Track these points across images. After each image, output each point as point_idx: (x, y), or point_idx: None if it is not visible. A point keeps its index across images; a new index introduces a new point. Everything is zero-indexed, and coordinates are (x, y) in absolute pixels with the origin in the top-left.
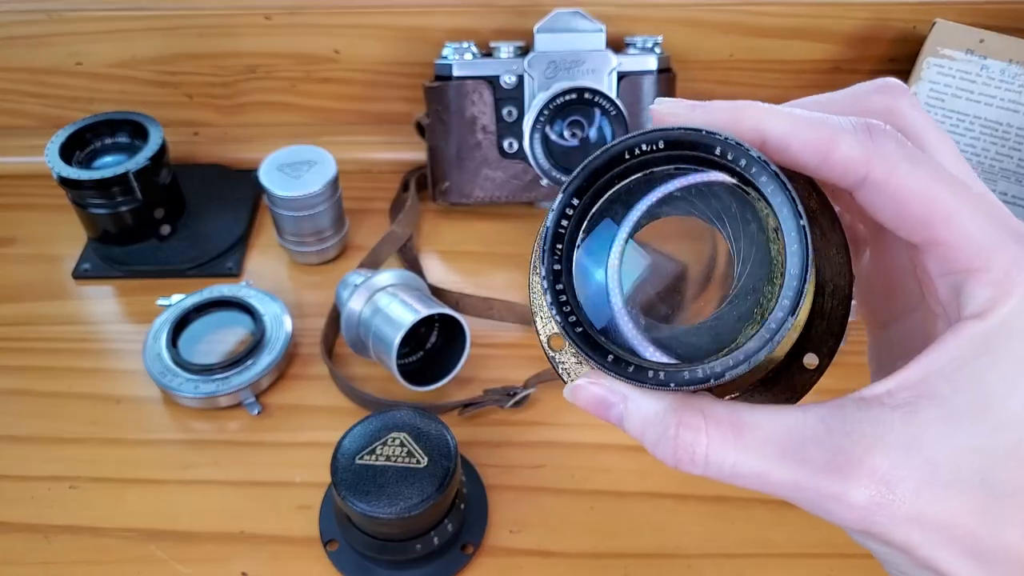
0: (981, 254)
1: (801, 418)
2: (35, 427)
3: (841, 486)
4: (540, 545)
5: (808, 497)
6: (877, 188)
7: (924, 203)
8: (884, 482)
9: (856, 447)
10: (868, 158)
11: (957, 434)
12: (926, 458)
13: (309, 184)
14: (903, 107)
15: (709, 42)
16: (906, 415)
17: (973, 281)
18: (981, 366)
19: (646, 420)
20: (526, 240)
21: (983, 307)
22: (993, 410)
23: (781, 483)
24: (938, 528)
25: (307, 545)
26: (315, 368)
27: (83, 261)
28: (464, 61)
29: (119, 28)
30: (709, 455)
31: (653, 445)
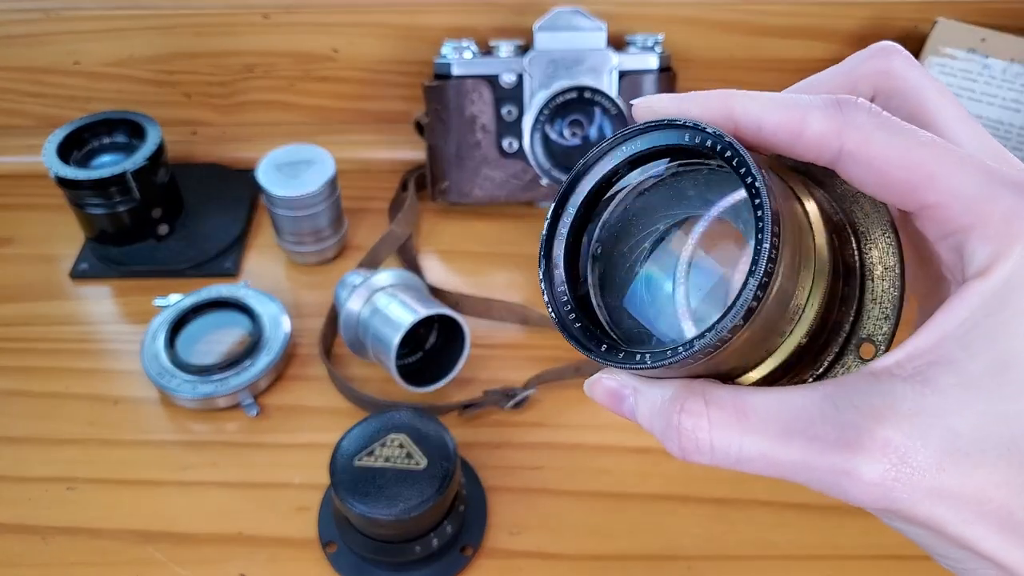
0: (973, 209)
1: (808, 396)
2: (32, 428)
3: (852, 461)
4: (540, 547)
5: (819, 477)
6: (854, 160)
7: (904, 169)
8: (899, 454)
9: (866, 420)
10: (839, 131)
11: (977, 401)
12: (945, 427)
13: (307, 184)
14: (897, 68)
15: (710, 41)
16: (919, 384)
17: (971, 239)
18: (993, 326)
19: (653, 410)
20: (526, 240)
21: (985, 264)
22: (1013, 371)
23: (790, 463)
24: (966, 502)
25: (306, 547)
26: (314, 369)
27: (81, 261)
28: (463, 60)
29: (117, 27)
30: (713, 440)
31: (661, 436)
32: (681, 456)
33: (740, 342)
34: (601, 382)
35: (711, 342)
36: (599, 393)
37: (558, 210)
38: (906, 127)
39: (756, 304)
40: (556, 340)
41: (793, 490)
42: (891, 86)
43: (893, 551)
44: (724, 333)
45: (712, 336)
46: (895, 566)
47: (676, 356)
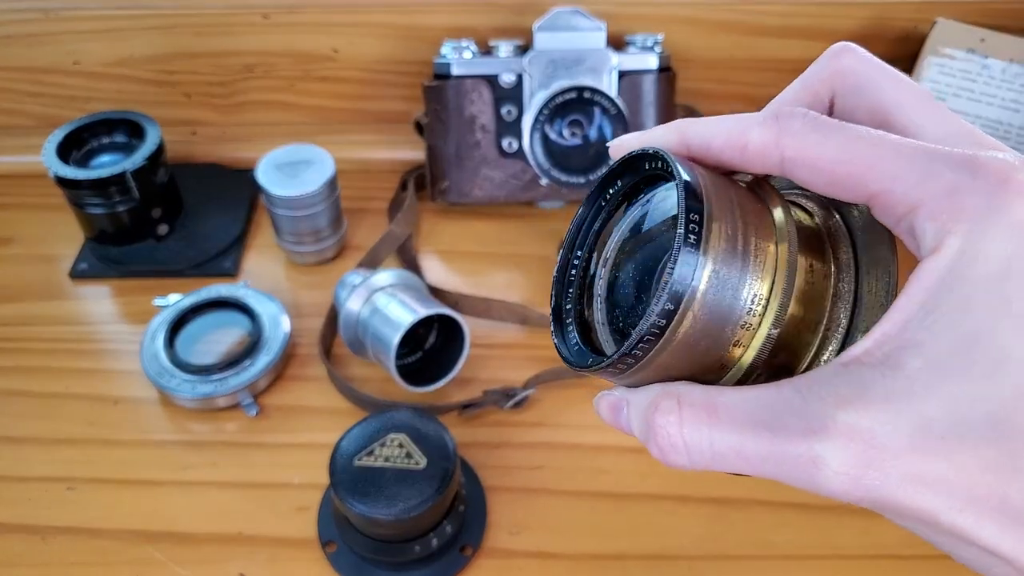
0: (914, 191)
1: (777, 389)
2: (32, 428)
3: (816, 448)
4: (539, 547)
5: (788, 469)
6: (797, 164)
7: (843, 163)
8: (866, 440)
9: (831, 408)
10: (777, 139)
11: (949, 382)
12: (916, 412)
13: (307, 184)
14: (849, 66)
15: (710, 41)
16: (888, 370)
17: (918, 219)
18: (954, 303)
19: (637, 414)
20: (525, 240)
21: (935, 242)
22: (983, 350)
23: (758, 456)
24: (952, 487)
25: (305, 547)
26: (313, 369)
27: (80, 261)
28: (463, 60)
29: (116, 27)
30: (686, 437)
31: (644, 440)
32: (662, 458)
33: (676, 343)
34: (604, 397)
35: (645, 329)
36: (604, 408)
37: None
38: (839, 124)
39: (671, 289)
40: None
41: (792, 490)
42: (848, 84)
43: (892, 551)
44: (653, 320)
45: (645, 323)
46: (894, 565)
47: (600, 363)
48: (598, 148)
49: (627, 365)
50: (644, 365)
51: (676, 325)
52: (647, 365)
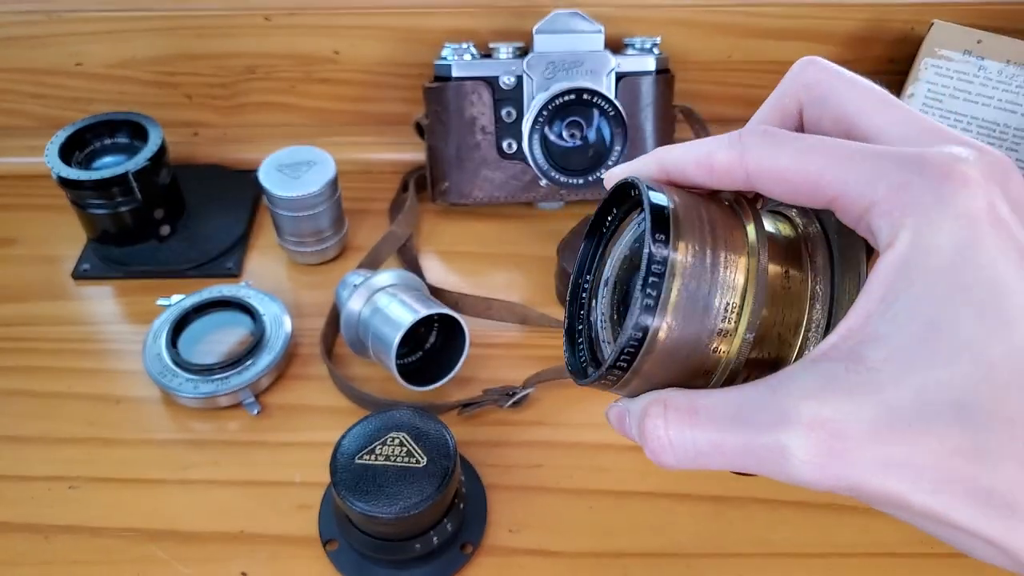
0: (866, 192)
1: (752, 388)
2: (35, 427)
3: (783, 439)
4: (539, 544)
5: (761, 461)
6: (760, 178)
7: (800, 173)
8: (829, 429)
9: (796, 400)
10: (740, 157)
11: (913, 371)
12: (879, 401)
13: (308, 184)
14: (812, 78)
15: (707, 43)
16: (852, 363)
17: (873, 218)
18: (913, 295)
19: (634, 422)
20: (525, 240)
21: (889, 237)
22: (945, 337)
23: (734, 450)
24: (921, 470)
25: (307, 545)
26: (314, 368)
27: (83, 261)
28: (463, 62)
29: (119, 29)
30: (672, 437)
31: (640, 443)
32: (654, 459)
33: (656, 352)
34: (612, 408)
35: (629, 338)
36: (612, 418)
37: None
38: (795, 137)
39: (647, 322)
40: (555, 340)
41: (791, 488)
42: (812, 96)
43: (891, 548)
44: (630, 333)
45: (630, 333)
46: (893, 564)
47: (593, 377)
48: (597, 149)
49: (616, 377)
50: (631, 376)
51: (652, 337)
52: (634, 376)
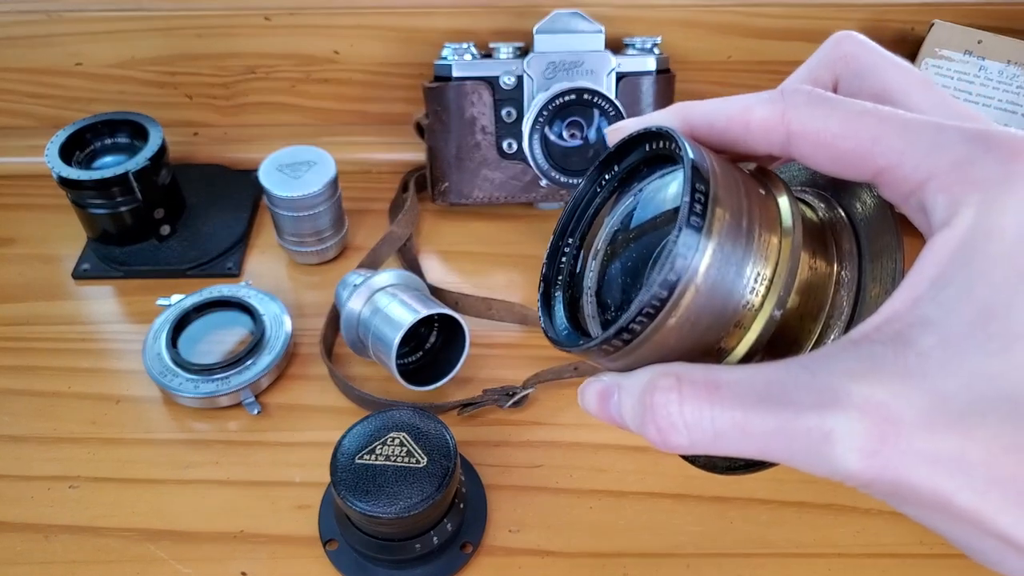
0: (923, 164)
1: (782, 366)
2: (35, 427)
3: (831, 421)
4: (539, 544)
5: (798, 445)
6: (802, 140)
7: (849, 138)
8: (882, 413)
9: (844, 381)
10: (783, 114)
11: (965, 360)
12: (931, 388)
13: (309, 184)
14: (852, 51)
15: (708, 43)
16: (900, 347)
17: (928, 193)
18: (968, 277)
19: (632, 398)
20: (525, 240)
21: (946, 215)
22: (998, 323)
23: (764, 432)
24: (969, 469)
25: (306, 545)
26: (315, 368)
27: (83, 261)
28: (463, 62)
29: (119, 28)
30: (685, 414)
31: (640, 425)
32: (660, 440)
33: (677, 317)
34: (591, 384)
35: (647, 300)
36: (591, 396)
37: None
38: (844, 100)
39: (676, 279)
40: None
41: (791, 488)
42: (850, 69)
43: (891, 550)
44: (654, 290)
45: (646, 293)
46: (893, 564)
47: (593, 342)
48: (597, 149)
49: (623, 342)
50: (641, 342)
51: (678, 298)
52: (644, 342)
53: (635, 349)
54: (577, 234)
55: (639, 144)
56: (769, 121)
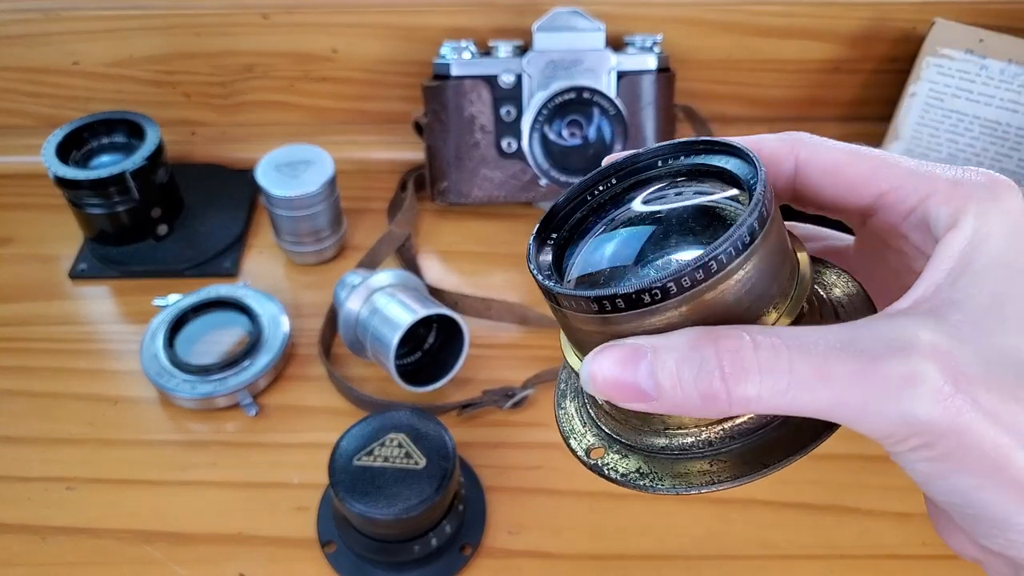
0: (923, 184)
1: (845, 327)
2: (32, 428)
3: (912, 364)
4: (539, 546)
5: (876, 390)
6: (810, 167)
7: (854, 165)
8: (951, 363)
9: (913, 331)
10: (792, 146)
11: (991, 335)
12: (976, 350)
13: (306, 184)
14: (804, 140)
15: (709, 41)
16: (938, 318)
17: (931, 206)
18: (976, 271)
19: (681, 357)
20: (525, 240)
21: (951, 221)
22: (1012, 309)
23: (843, 376)
24: (1022, 430)
25: (305, 546)
26: (313, 369)
27: (80, 261)
28: (462, 60)
29: (116, 27)
30: (761, 358)
31: (693, 378)
32: (723, 390)
33: (763, 251)
34: (604, 350)
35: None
36: (605, 362)
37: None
38: (842, 143)
39: (766, 213)
40: (554, 340)
41: (793, 490)
42: (801, 156)
43: (892, 550)
44: (741, 234)
45: (713, 248)
46: (895, 566)
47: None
48: (597, 148)
49: (693, 282)
50: (707, 288)
51: (766, 234)
52: (708, 289)
53: (693, 298)
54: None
55: (709, 149)
56: (779, 152)
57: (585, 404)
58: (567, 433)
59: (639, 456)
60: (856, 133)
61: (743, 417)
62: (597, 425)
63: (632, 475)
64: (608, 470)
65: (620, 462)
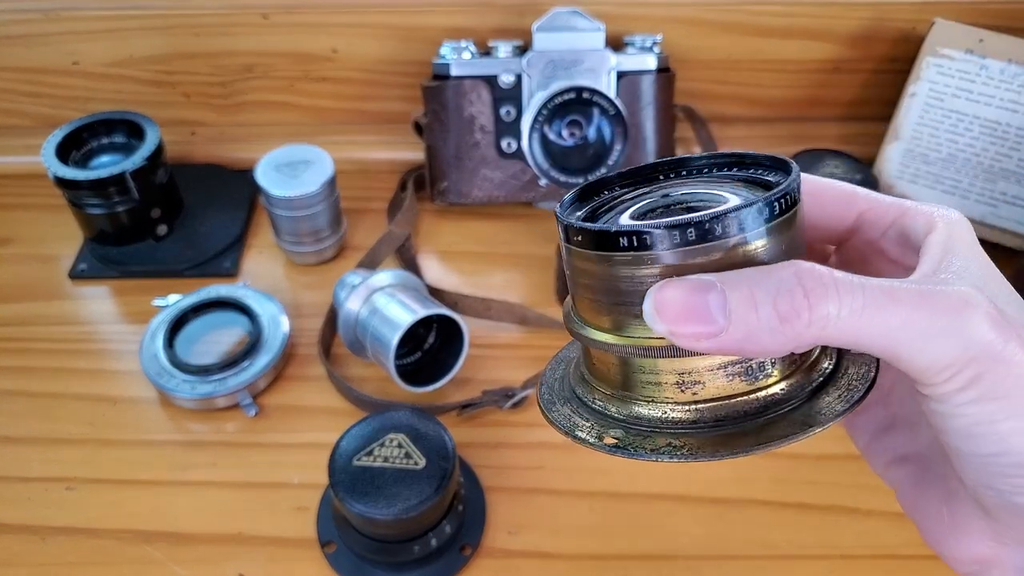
0: (896, 203)
1: (886, 279)
2: (32, 428)
3: (967, 294)
4: (538, 546)
5: (940, 310)
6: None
7: (836, 188)
8: (988, 303)
9: (950, 280)
10: None
11: (996, 298)
12: (995, 302)
13: (306, 184)
14: None
15: (708, 41)
16: (949, 288)
17: (908, 219)
18: (957, 263)
19: (754, 282)
20: (524, 240)
21: (929, 228)
22: (992, 291)
23: (910, 297)
24: None
25: (304, 547)
26: (312, 369)
27: (80, 261)
28: (462, 60)
29: (116, 27)
30: (837, 277)
31: (770, 303)
32: (805, 306)
33: (795, 227)
34: (670, 283)
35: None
36: (674, 290)
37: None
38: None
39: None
40: (554, 340)
41: (792, 489)
42: None
43: (892, 551)
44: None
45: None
46: (894, 565)
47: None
48: (597, 148)
49: (773, 215)
50: (774, 229)
51: (800, 207)
52: (775, 231)
53: (762, 235)
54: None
55: (756, 163)
56: None
57: (581, 404)
58: (571, 428)
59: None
60: (856, 133)
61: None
62: (604, 415)
63: (664, 448)
64: (632, 449)
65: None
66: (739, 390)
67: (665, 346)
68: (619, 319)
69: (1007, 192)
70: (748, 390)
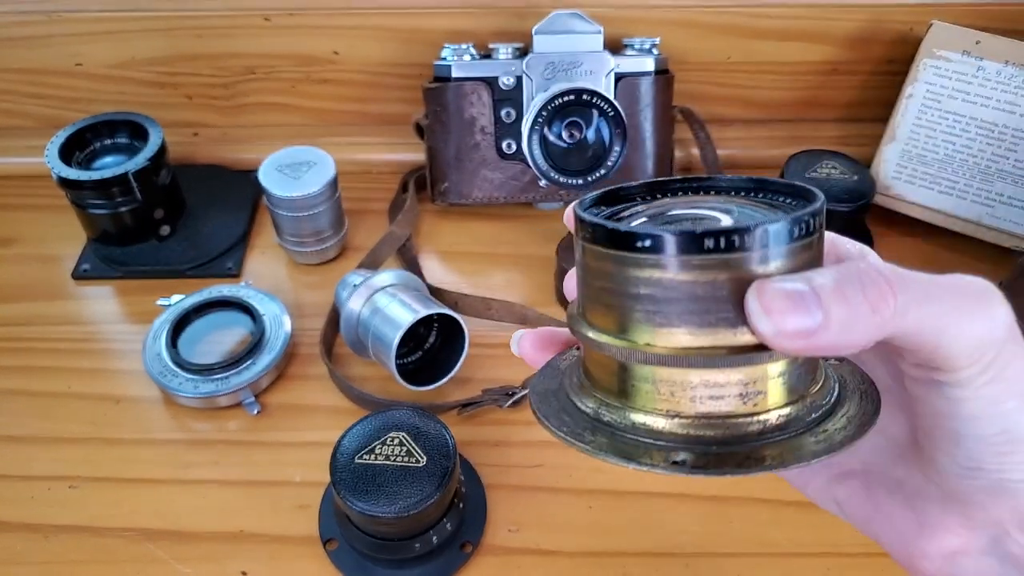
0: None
1: None
2: (35, 427)
3: (983, 286)
4: (539, 544)
5: (969, 293)
6: None
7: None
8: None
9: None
10: None
11: None
12: None
13: (308, 185)
14: None
15: (707, 43)
16: None
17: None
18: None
19: (838, 277)
20: (525, 240)
21: None
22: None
23: (942, 292)
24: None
25: (306, 544)
26: (314, 368)
27: (83, 261)
28: (463, 62)
29: (118, 29)
30: (887, 272)
31: (860, 293)
32: (892, 304)
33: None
34: (771, 281)
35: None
36: (772, 285)
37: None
38: None
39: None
40: None
41: (791, 488)
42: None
43: None
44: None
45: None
46: (893, 565)
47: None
48: (596, 150)
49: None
50: (811, 244)
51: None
52: (809, 246)
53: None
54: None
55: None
56: None
57: (594, 418)
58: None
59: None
60: (853, 135)
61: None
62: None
63: (661, 464)
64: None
65: None
66: (740, 410)
67: (678, 356)
68: (625, 322)
69: (1004, 193)
70: (750, 412)
